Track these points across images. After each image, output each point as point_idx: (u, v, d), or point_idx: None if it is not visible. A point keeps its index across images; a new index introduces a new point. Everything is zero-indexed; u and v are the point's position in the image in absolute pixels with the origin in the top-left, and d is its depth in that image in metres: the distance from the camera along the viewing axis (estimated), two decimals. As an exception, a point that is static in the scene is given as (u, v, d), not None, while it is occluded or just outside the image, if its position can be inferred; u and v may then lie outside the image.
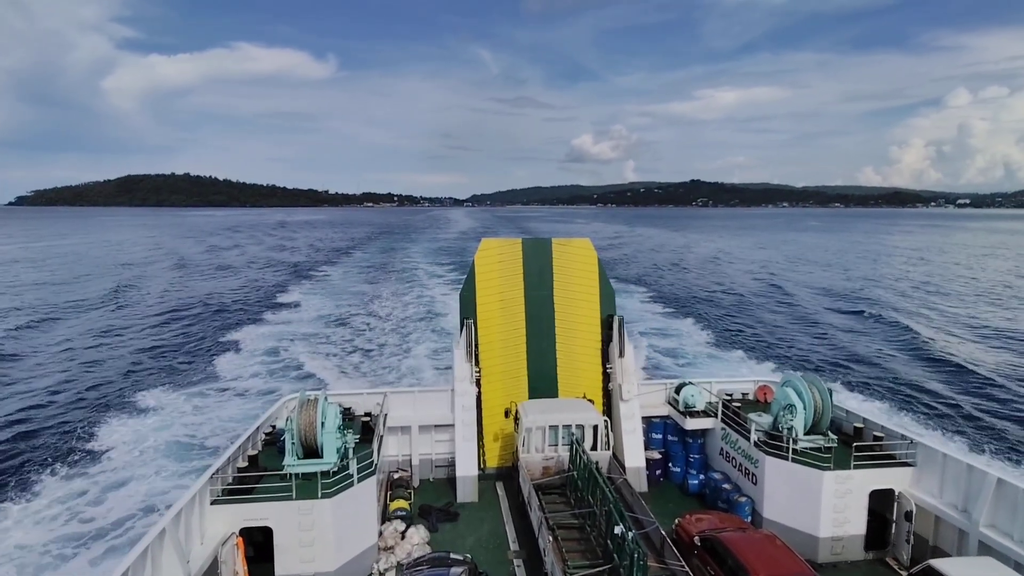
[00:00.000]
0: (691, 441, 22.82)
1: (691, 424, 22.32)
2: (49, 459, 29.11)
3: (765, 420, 20.07)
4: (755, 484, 19.42)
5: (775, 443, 18.84)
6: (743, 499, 19.56)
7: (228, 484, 16.51)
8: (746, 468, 20.04)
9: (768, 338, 55.44)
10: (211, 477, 15.93)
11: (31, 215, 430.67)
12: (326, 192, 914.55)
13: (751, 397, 23.99)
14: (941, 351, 49.81)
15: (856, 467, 17.67)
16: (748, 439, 19.74)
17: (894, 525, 17.80)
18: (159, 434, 31.80)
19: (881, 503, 17.84)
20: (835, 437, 18.79)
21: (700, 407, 22.89)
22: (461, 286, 24.44)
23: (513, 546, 18.72)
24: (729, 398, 23.10)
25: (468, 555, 16.35)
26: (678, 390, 23.51)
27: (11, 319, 63.04)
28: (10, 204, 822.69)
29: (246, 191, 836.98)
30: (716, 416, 22.19)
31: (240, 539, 15.60)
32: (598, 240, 26.08)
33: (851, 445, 18.34)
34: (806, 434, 18.76)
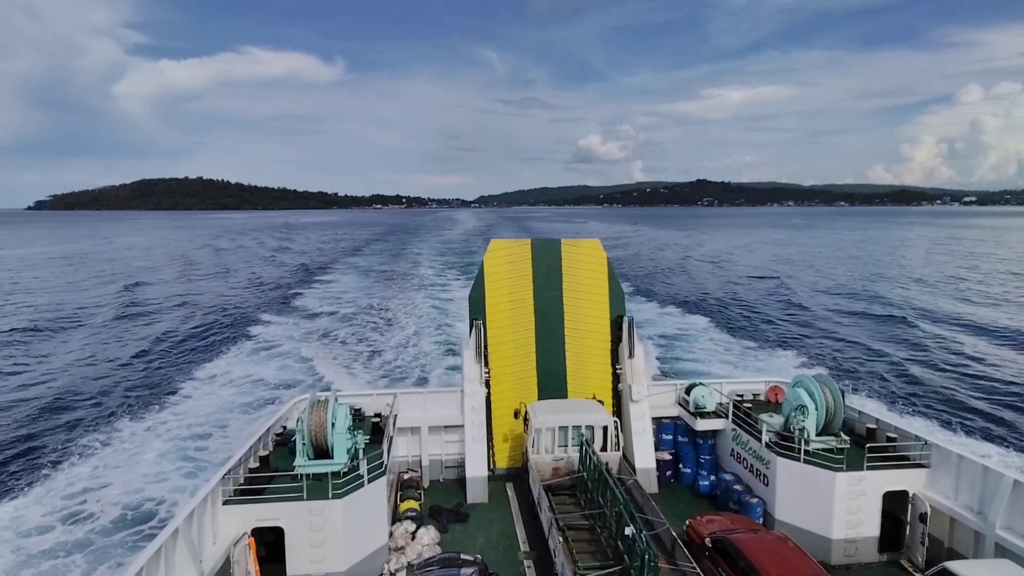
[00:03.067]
0: (701, 442, 22.70)
1: (702, 425, 22.22)
2: (62, 456, 29.50)
3: (776, 421, 19.94)
4: (767, 485, 19.29)
5: (787, 444, 18.71)
6: (754, 500, 19.44)
7: (240, 484, 16.60)
8: (757, 469, 19.92)
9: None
10: (223, 477, 16.03)
11: (67, 219, 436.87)
12: (335, 194, 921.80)
13: (762, 398, 23.85)
14: (945, 349, 49.40)
15: (869, 468, 17.51)
16: (759, 440, 19.62)
17: (908, 527, 17.62)
18: (171, 433, 32.17)
19: (895, 505, 17.67)
20: (847, 438, 18.63)
21: (711, 408, 22.78)
22: (470, 287, 24.47)
23: (523, 547, 18.70)
24: (740, 399, 22.97)
25: (478, 556, 16.35)
26: (688, 391, 23.41)
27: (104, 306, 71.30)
28: (29, 208, 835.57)
29: (257, 194, 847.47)
30: (727, 417, 22.07)
31: (252, 539, 15.67)
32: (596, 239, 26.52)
33: (864, 446, 18.17)
34: (818, 435, 18.62)
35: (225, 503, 15.86)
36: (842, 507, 17.44)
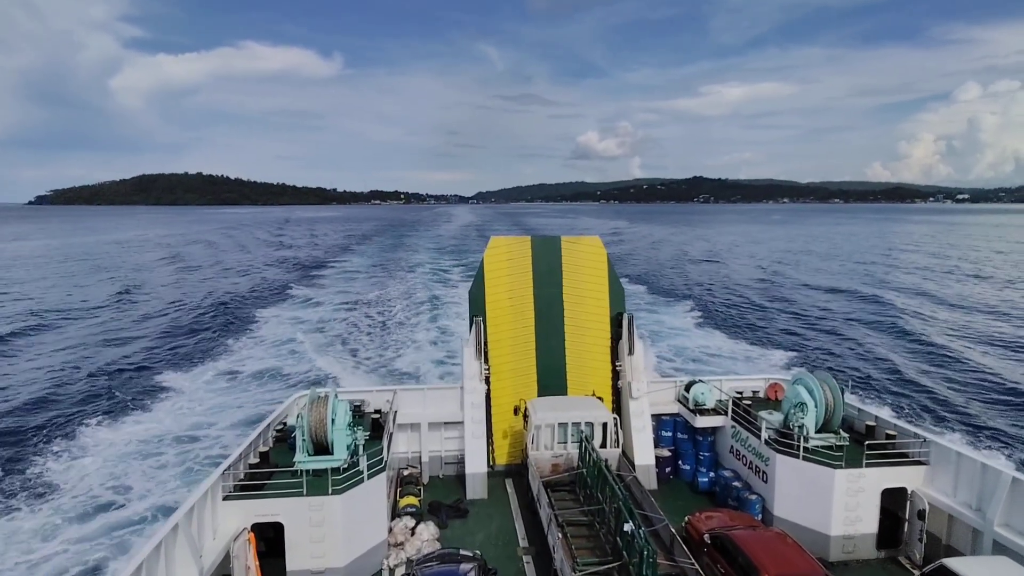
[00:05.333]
0: (701, 439, 22.75)
1: (701, 422, 22.26)
2: (60, 449, 29.53)
3: (776, 418, 19.99)
4: (766, 482, 19.35)
5: (786, 441, 18.76)
6: (753, 497, 19.51)
7: (240, 480, 16.60)
8: (756, 466, 19.97)
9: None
10: (223, 473, 16.03)
11: (71, 214, 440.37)
12: (334, 190, 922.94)
13: (762, 395, 23.91)
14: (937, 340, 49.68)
15: (868, 465, 17.57)
16: (759, 437, 19.67)
17: (907, 524, 17.70)
18: (169, 428, 32.19)
19: (894, 502, 17.74)
20: (847, 435, 18.69)
21: (710, 405, 22.82)
22: (469, 284, 24.44)
23: (522, 543, 18.75)
24: (739, 396, 23.03)
25: (477, 551, 16.37)
26: (688, 388, 23.45)
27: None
28: (30, 203, 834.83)
29: (257, 189, 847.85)
30: (726, 414, 22.12)
31: (252, 534, 15.67)
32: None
33: (863, 443, 18.24)
34: (817, 432, 18.68)
35: (225, 498, 15.85)
36: (841, 504, 17.51)
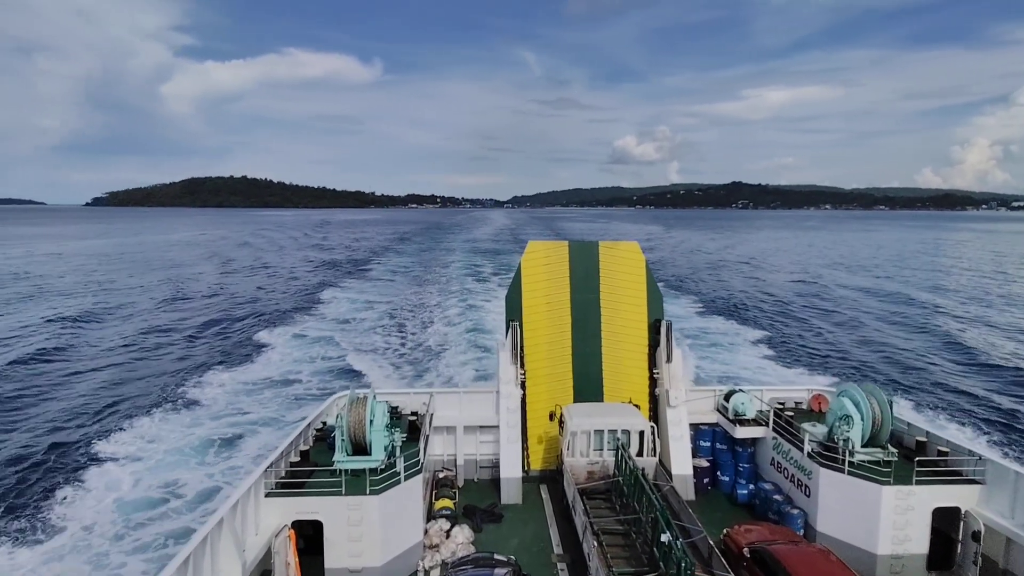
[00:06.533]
0: (740, 450, 22.27)
1: (741, 432, 21.79)
2: (110, 444, 30.61)
3: (820, 431, 19.42)
4: (808, 496, 18.81)
5: (830, 455, 18.20)
6: (795, 511, 18.97)
7: (281, 478, 16.97)
8: (799, 479, 19.43)
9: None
10: (265, 470, 16.41)
11: (135, 216, 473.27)
12: (372, 193, 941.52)
13: (805, 406, 23.27)
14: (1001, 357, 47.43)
15: (919, 483, 16.91)
16: (801, 450, 19.15)
17: (960, 545, 16.95)
18: (210, 426, 33.26)
19: (946, 522, 17.02)
20: (895, 451, 18.04)
21: (751, 415, 22.30)
22: (506, 287, 24.51)
23: (557, 550, 18.64)
24: (781, 407, 22.46)
25: (512, 557, 16.36)
26: (727, 397, 22.98)
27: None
28: (87, 205, 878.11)
29: (298, 193, 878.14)
30: (767, 425, 21.60)
31: (292, 531, 16.01)
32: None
33: (913, 460, 17.56)
34: (864, 446, 18.07)
35: (267, 495, 16.23)
36: (888, 522, 16.88)
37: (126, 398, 38.03)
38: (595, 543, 16.10)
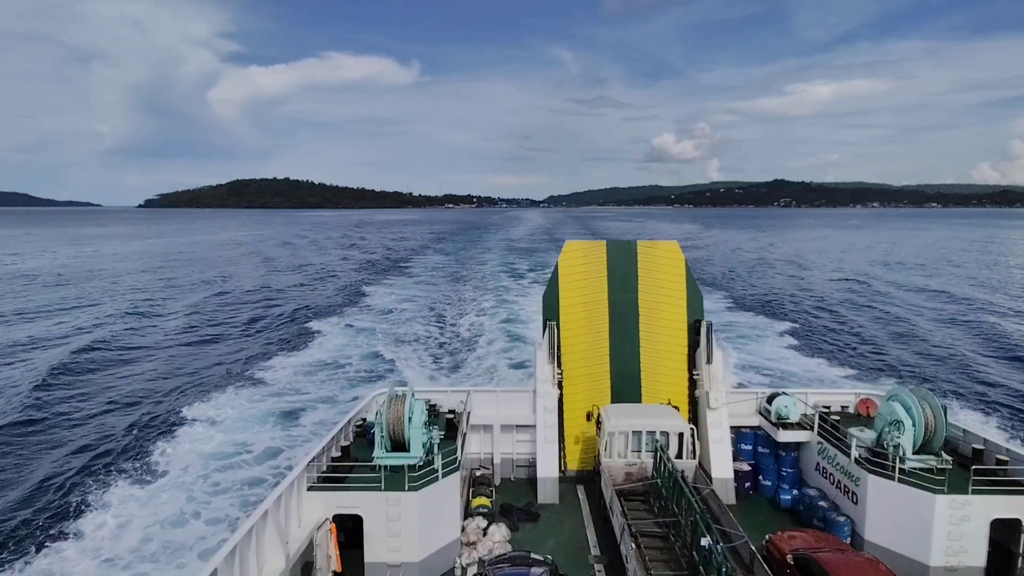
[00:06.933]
0: (784, 454, 21.73)
1: (784, 436, 21.25)
2: (159, 434, 32.24)
3: (868, 436, 18.79)
4: (856, 504, 18.21)
5: (880, 461, 17.59)
6: (841, 518, 18.40)
7: (322, 472, 17.34)
8: (845, 486, 18.83)
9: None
10: (308, 465, 16.80)
11: (190, 216, 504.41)
12: (410, 194, 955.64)
13: (851, 410, 22.56)
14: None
15: (975, 492, 16.17)
16: (848, 455, 18.56)
17: (1021, 559, 16.15)
18: (252, 420, 34.56)
19: (1005, 534, 16.24)
20: (950, 459, 17.31)
21: (794, 419, 21.75)
22: (541, 286, 24.49)
23: (594, 551, 18.53)
24: (827, 411, 21.82)
25: (549, 556, 16.34)
26: (770, 400, 22.46)
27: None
28: (140, 207, 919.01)
29: (338, 193, 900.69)
30: (812, 429, 21.01)
31: (333, 525, 16.34)
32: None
33: (969, 468, 16.80)
34: (915, 453, 17.40)
35: (309, 489, 16.60)
36: (942, 532, 16.19)
37: (205, 376, 43.34)
38: (633, 545, 15.94)
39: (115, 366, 46.14)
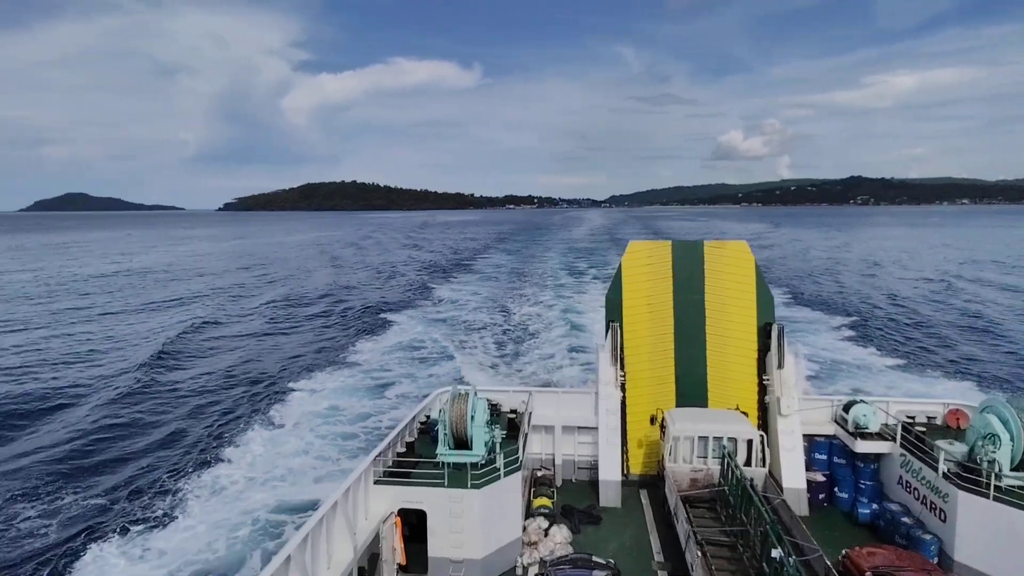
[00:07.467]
0: (862, 465, 20.59)
1: (862, 447, 20.15)
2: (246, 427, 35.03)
3: (957, 449, 17.53)
4: (943, 521, 17.02)
5: (972, 477, 16.36)
6: (927, 536, 17.24)
7: (388, 467, 17.78)
8: (932, 502, 17.64)
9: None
10: (375, 459, 17.26)
11: (263, 219, 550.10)
12: (471, 195, 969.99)
13: (939, 422, 21.12)
14: None
15: None
16: (935, 469, 17.37)
17: None
18: (360, 375, 41.53)
19: None
20: None
21: (873, 429, 20.59)
22: (603, 287, 24.21)
23: (657, 557, 18.16)
24: (911, 421, 20.51)
25: (611, 560, 16.14)
26: (847, 408, 21.33)
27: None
28: (219, 210, 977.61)
29: (402, 195, 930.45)
30: (894, 440, 19.80)
31: (398, 518, 16.72)
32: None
33: None
34: (1013, 469, 16.09)
35: (376, 483, 17.05)
36: None
37: (304, 354, 50.83)
38: (699, 553, 15.51)
39: (228, 346, 54.42)
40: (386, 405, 36.75)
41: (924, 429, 19.83)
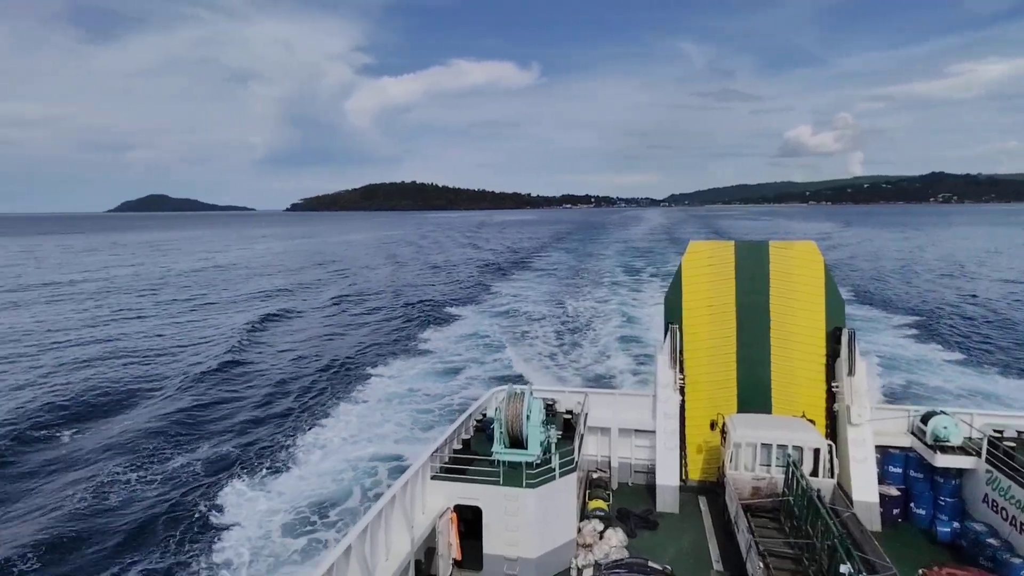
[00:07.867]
0: (942, 480, 19.30)
1: (943, 461, 18.89)
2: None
3: None
4: None
5: None
6: (1017, 560, 15.98)
7: (444, 463, 18.03)
8: (1022, 523, 16.35)
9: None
10: (432, 455, 17.56)
11: (328, 219, 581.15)
12: (528, 195, 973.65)
13: None
14: None
15: None
16: None
17: None
18: (432, 361, 44.93)
19: None
20: None
21: (955, 442, 19.26)
22: (664, 288, 23.71)
23: (716, 566, 17.64)
24: (999, 435, 19.07)
25: (668, 566, 15.80)
26: (925, 419, 20.06)
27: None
28: (287, 210, 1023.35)
29: (460, 195, 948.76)
30: (979, 455, 18.48)
31: (454, 515, 16.95)
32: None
33: None
34: None
35: (432, 478, 17.35)
36: None
37: (379, 340, 55.81)
38: (761, 564, 14.96)
39: (311, 333, 59.92)
40: (457, 386, 40.59)
41: (1014, 444, 18.41)
